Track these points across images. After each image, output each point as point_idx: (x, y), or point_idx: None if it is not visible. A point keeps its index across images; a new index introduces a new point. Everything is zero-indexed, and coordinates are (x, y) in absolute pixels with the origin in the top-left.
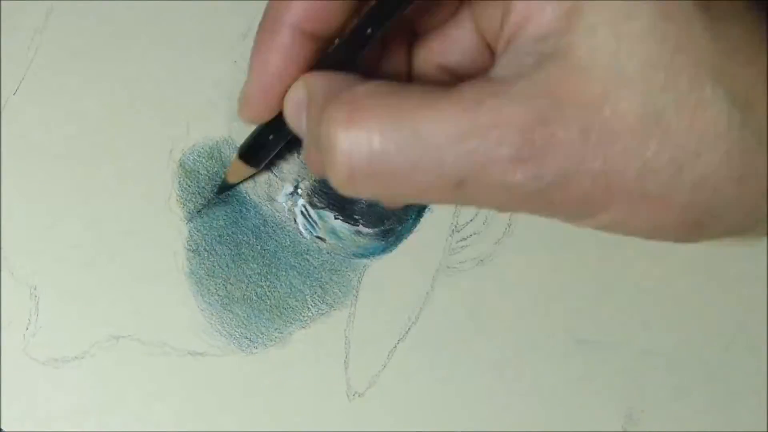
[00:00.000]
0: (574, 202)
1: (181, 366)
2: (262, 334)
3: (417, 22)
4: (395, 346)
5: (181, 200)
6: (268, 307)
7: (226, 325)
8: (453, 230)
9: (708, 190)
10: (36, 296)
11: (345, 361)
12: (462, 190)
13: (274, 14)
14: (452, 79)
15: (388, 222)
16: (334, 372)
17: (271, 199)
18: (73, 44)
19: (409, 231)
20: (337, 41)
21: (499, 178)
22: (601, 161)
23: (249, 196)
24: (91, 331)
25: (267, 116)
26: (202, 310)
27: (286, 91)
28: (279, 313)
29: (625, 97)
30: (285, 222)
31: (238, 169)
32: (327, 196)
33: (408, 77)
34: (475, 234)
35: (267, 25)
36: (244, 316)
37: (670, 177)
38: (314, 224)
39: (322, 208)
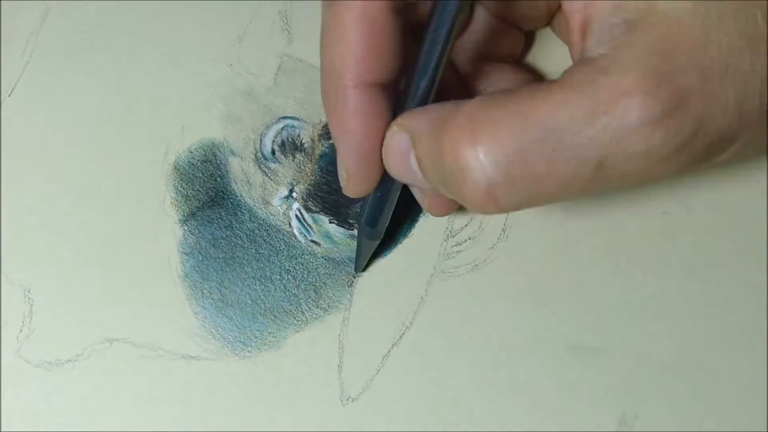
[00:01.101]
0: (713, 142)
1: (175, 369)
2: (255, 338)
3: None
4: (389, 351)
5: (176, 203)
6: (262, 310)
7: (220, 328)
8: (448, 235)
9: None
10: (30, 299)
11: (339, 366)
12: (603, 171)
13: (333, 80)
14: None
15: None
16: (327, 376)
17: (266, 203)
18: (67, 47)
19: (404, 235)
20: (404, 79)
21: (638, 145)
22: (727, 94)
23: (244, 199)
24: (84, 334)
25: (374, 183)
26: (196, 314)
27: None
28: (273, 317)
29: (723, 31)
30: (280, 225)
31: (369, 248)
32: (322, 200)
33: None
34: (469, 239)
35: (331, 93)
36: (238, 320)
37: None
38: (309, 228)
39: (317, 212)
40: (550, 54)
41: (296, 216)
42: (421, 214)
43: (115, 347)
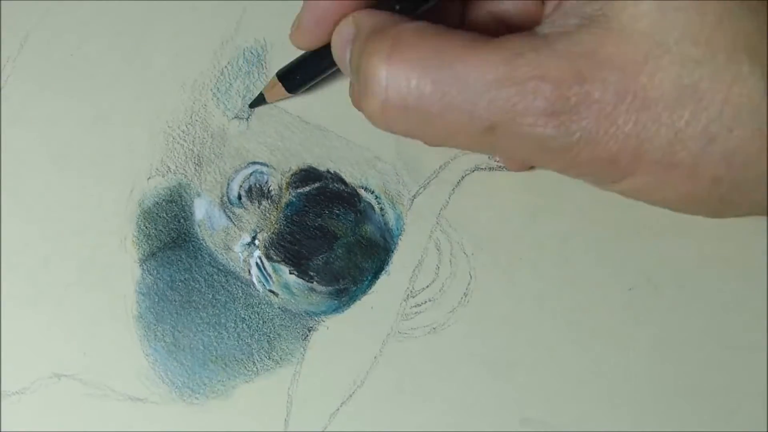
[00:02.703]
0: (601, 163)
1: (121, 410)
2: (205, 385)
3: None
4: (338, 409)
5: (137, 242)
6: (213, 358)
7: (170, 372)
8: (408, 295)
9: (738, 165)
10: None
11: (285, 420)
12: (491, 137)
13: None
14: (501, 30)
15: (343, 281)
16: (273, 430)
17: (228, 248)
18: (42, 79)
19: (364, 292)
20: None
21: (529, 128)
22: (632, 125)
23: (206, 242)
24: (33, 368)
25: (314, 45)
26: (147, 355)
27: (335, 25)
28: (224, 365)
29: (663, 67)
30: (239, 272)
31: (273, 87)
32: (284, 250)
33: (460, 22)
34: (430, 301)
35: None
36: (188, 365)
37: (701, 148)
38: (268, 277)
39: (278, 262)
40: None
41: (257, 264)
42: (383, 272)
43: (64, 383)
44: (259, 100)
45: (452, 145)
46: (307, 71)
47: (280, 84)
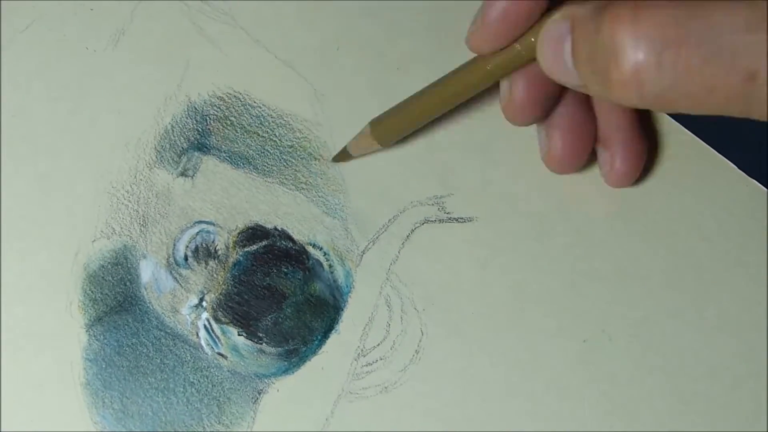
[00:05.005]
0: None
1: None
2: None
3: None
4: None
5: (83, 306)
6: (162, 424)
7: None
8: (359, 354)
9: None
10: None
11: None
12: (752, 86)
13: None
14: None
15: (293, 342)
16: None
17: (175, 311)
18: None
19: (314, 352)
20: None
21: None
22: None
23: (152, 305)
24: None
25: (499, 45)
26: (95, 423)
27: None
28: None
29: None
30: (187, 336)
31: (364, 141)
32: (232, 311)
33: None
34: (381, 359)
35: None
36: None
37: None
38: (217, 340)
39: (226, 323)
40: None
41: (204, 326)
42: (333, 331)
43: None
44: (344, 156)
45: (707, 107)
46: (404, 117)
47: (370, 135)
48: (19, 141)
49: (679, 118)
